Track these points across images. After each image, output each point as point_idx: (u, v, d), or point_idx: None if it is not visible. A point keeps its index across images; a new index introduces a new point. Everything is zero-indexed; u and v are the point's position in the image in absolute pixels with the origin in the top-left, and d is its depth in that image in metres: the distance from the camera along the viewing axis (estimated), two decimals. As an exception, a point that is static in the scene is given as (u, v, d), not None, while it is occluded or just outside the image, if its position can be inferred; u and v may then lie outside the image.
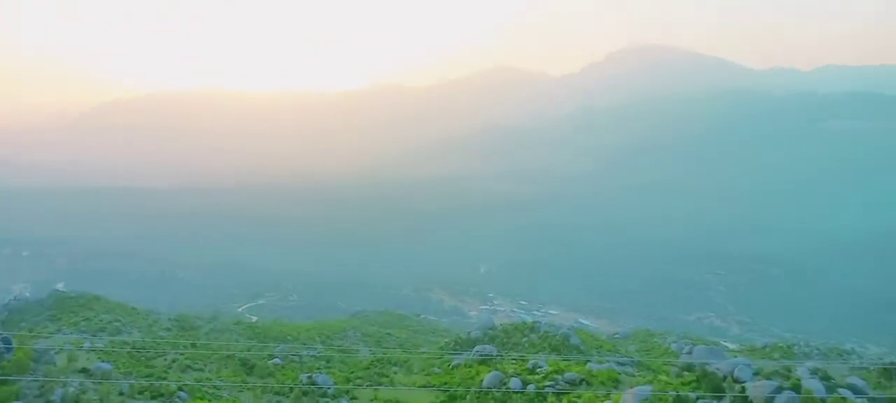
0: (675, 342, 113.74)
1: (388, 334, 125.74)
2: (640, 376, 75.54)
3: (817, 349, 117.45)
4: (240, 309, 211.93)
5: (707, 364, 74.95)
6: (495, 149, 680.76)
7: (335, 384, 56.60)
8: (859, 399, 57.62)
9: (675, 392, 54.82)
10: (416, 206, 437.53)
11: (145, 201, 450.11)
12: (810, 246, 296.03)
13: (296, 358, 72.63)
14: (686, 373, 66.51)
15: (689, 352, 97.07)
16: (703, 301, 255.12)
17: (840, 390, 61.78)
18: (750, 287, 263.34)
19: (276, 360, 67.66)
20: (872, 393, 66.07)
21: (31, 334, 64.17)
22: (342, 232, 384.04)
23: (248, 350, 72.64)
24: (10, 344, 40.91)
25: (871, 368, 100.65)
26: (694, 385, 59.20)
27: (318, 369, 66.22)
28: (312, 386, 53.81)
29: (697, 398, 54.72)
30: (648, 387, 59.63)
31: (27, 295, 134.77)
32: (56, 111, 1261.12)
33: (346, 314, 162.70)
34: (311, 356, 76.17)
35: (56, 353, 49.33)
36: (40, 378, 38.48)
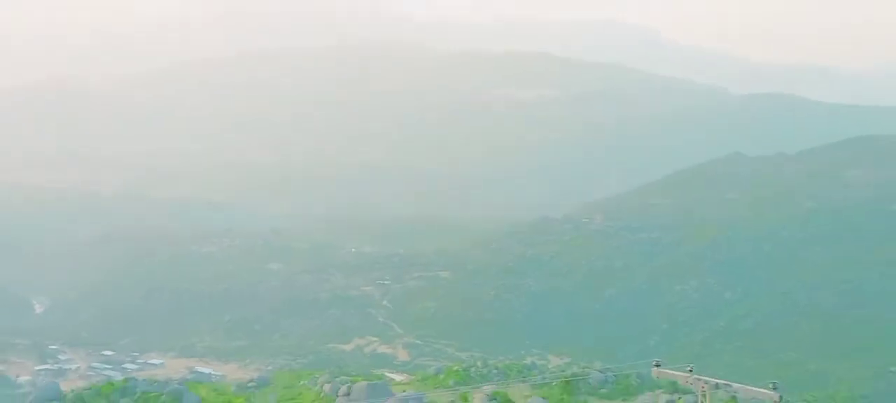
0: (328, 382, 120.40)
1: None
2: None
3: (496, 368, 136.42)
4: None
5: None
6: (45, 120, 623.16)
7: None
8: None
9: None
10: None
11: None
12: (482, 241, 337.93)
13: None
14: (343, 422, 71.23)
15: (348, 393, 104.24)
16: (363, 322, 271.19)
17: (521, 414, 72.92)
18: (418, 297, 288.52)
19: None
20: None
21: None
22: None
23: None
24: None
25: (553, 383, 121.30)
26: (354, 435, 63.80)
27: None
28: None
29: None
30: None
31: None
32: None
33: None
34: None
35: None
36: None
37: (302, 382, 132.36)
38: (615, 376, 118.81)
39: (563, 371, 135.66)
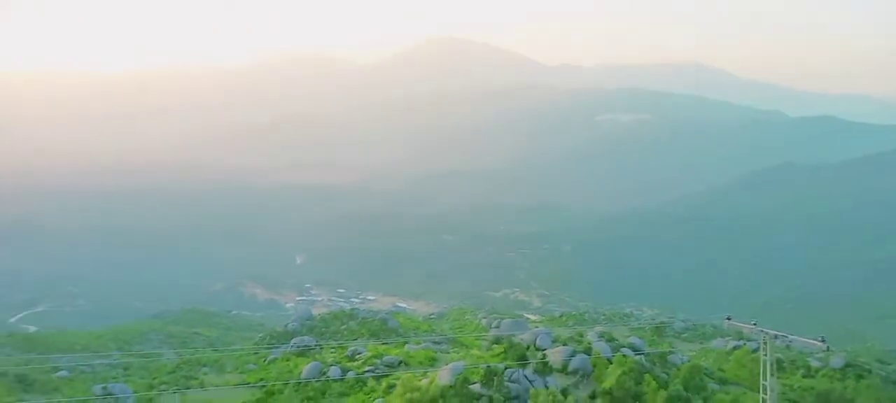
0: (485, 317, 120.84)
1: (196, 334, 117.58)
2: (454, 352, 78.90)
3: (604, 314, 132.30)
4: (12, 320, 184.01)
5: (513, 335, 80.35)
6: (301, 138, 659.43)
7: (135, 392, 51.42)
8: (637, 356, 65.83)
9: (485, 365, 57.97)
10: (217, 199, 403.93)
11: None
12: (593, 225, 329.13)
13: (87, 369, 64.98)
14: (495, 346, 70.91)
15: (498, 326, 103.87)
16: (508, 278, 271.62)
17: (623, 349, 70.00)
18: (547, 262, 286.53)
19: (63, 373, 59.83)
20: (647, 349, 75.82)
21: None
22: (134, 229, 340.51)
23: (26, 365, 63.21)
24: None
25: (646, 328, 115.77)
26: (502, 356, 63.30)
27: (115, 378, 59.81)
28: (108, 397, 48.30)
29: (505, 367, 58.37)
30: (462, 363, 62.42)
31: None
32: None
33: (146, 316, 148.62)
34: (105, 365, 68.57)
35: None
36: None
37: (467, 316, 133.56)
38: (693, 325, 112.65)
39: (653, 319, 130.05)
